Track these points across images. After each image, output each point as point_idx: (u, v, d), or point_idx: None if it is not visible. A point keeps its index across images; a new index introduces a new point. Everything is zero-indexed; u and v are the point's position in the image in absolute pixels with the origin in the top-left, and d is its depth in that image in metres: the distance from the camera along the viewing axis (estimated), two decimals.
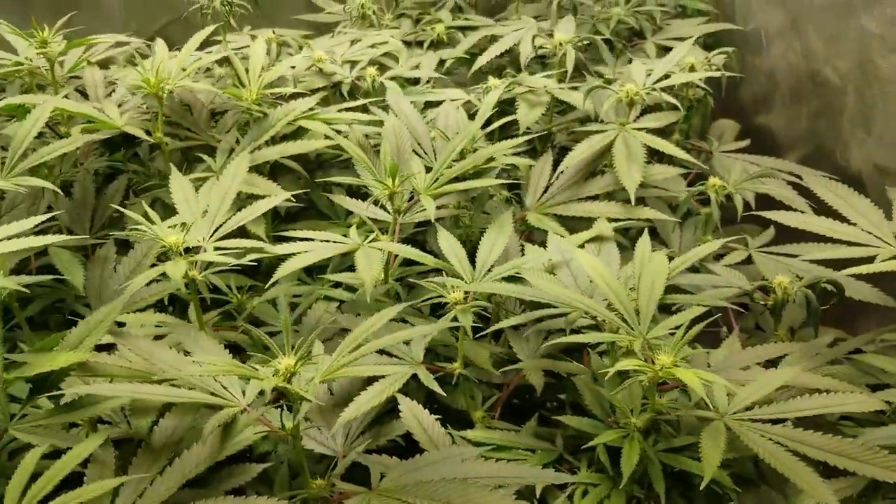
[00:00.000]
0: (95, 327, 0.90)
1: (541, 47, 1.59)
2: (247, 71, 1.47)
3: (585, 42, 1.61)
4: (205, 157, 1.38)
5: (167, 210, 1.47)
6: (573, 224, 1.33)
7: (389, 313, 0.92)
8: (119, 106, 1.47)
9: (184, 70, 1.35)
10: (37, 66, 1.46)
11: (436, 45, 1.84)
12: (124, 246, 1.40)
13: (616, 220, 1.24)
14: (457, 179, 1.22)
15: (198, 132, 1.48)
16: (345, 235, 1.31)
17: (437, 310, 1.23)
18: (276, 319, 1.31)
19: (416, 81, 1.67)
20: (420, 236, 1.43)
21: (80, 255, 1.33)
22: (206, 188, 1.29)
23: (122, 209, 1.08)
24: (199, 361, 0.89)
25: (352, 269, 1.37)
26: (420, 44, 1.88)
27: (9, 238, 0.94)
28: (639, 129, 1.36)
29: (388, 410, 1.09)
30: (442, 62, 1.77)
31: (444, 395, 1.02)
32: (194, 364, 0.90)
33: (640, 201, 1.31)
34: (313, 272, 1.44)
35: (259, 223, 1.21)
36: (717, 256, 1.40)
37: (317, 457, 1.07)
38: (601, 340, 0.91)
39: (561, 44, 1.56)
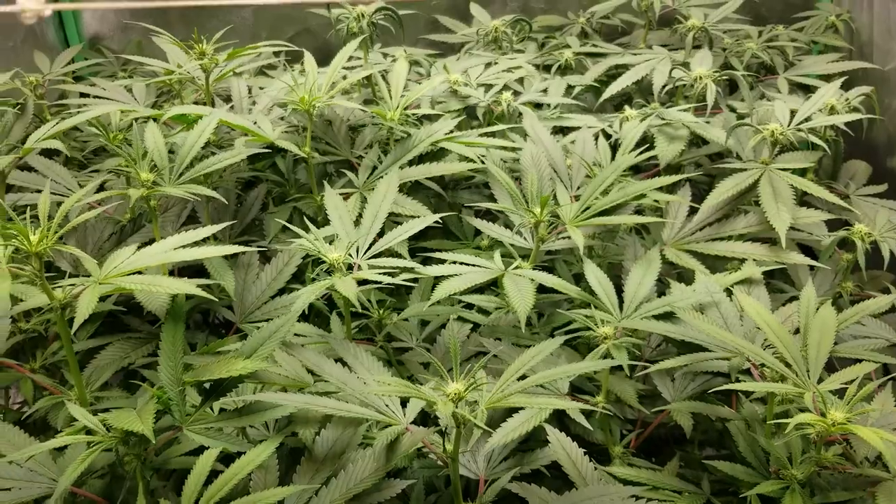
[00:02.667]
0: (269, 337, 0.93)
1: (679, 80, 1.58)
2: (388, 90, 1.51)
3: (724, 77, 1.60)
4: (347, 172, 1.42)
5: (304, 223, 1.51)
6: (711, 262, 1.32)
7: (548, 347, 0.93)
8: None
9: (333, 87, 1.39)
10: (189, 76, 1.52)
11: (563, 69, 1.85)
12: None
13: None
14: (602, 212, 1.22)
15: (337, 147, 1.52)
16: (476, 255, 1.34)
17: (572, 339, 1.24)
18: (408, 335, 1.33)
19: (540, 105, 1.68)
20: (549, 263, 1.44)
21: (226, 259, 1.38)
22: (352, 203, 1.33)
23: (287, 226, 1.12)
24: (368, 380, 0.91)
25: (480, 290, 1.39)
26: (547, 68, 1.89)
27: (187, 246, 0.99)
28: (783, 169, 1.34)
29: (525, 438, 1.10)
30: (570, 88, 1.77)
31: (591, 428, 1.02)
32: (359, 380, 0.93)
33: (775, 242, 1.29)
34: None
35: (403, 242, 1.23)
36: (853, 303, 1.37)
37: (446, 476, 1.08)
38: (771, 391, 0.90)
39: (700, 77, 1.55)
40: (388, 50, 1.90)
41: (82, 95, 1.70)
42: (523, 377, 0.89)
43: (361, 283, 1.10)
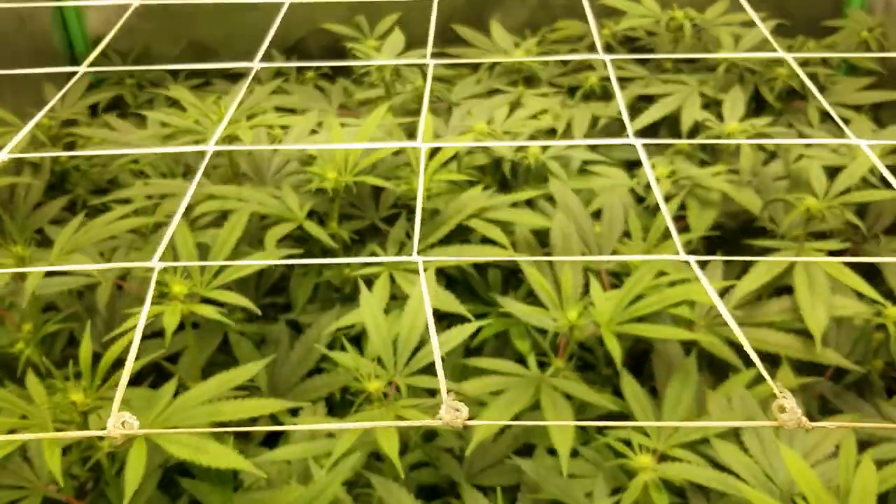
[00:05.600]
0: (316, 498, 0.94)
1: (709, 129, 1.54)
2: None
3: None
4: (375, 247, 1.39)
5: (330, 290, 1.49)
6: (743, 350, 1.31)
7: None
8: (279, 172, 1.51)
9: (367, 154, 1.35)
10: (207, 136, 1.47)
11: (587, 96, 1.80)
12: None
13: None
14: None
15: (362, 209, 1.49)
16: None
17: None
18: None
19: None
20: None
21: (253, 340, 1.37)
22: (381, 286, 1.30)
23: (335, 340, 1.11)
24: None
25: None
26: (571, 90, 1.83)
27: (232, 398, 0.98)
28: (819, 251, 1.33)
29: None
30: (594, 119, 1.72)
31: None
32: None
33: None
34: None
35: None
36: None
37: None
38: None
39: (732, 134, 1.50)
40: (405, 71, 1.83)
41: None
42: None
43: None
